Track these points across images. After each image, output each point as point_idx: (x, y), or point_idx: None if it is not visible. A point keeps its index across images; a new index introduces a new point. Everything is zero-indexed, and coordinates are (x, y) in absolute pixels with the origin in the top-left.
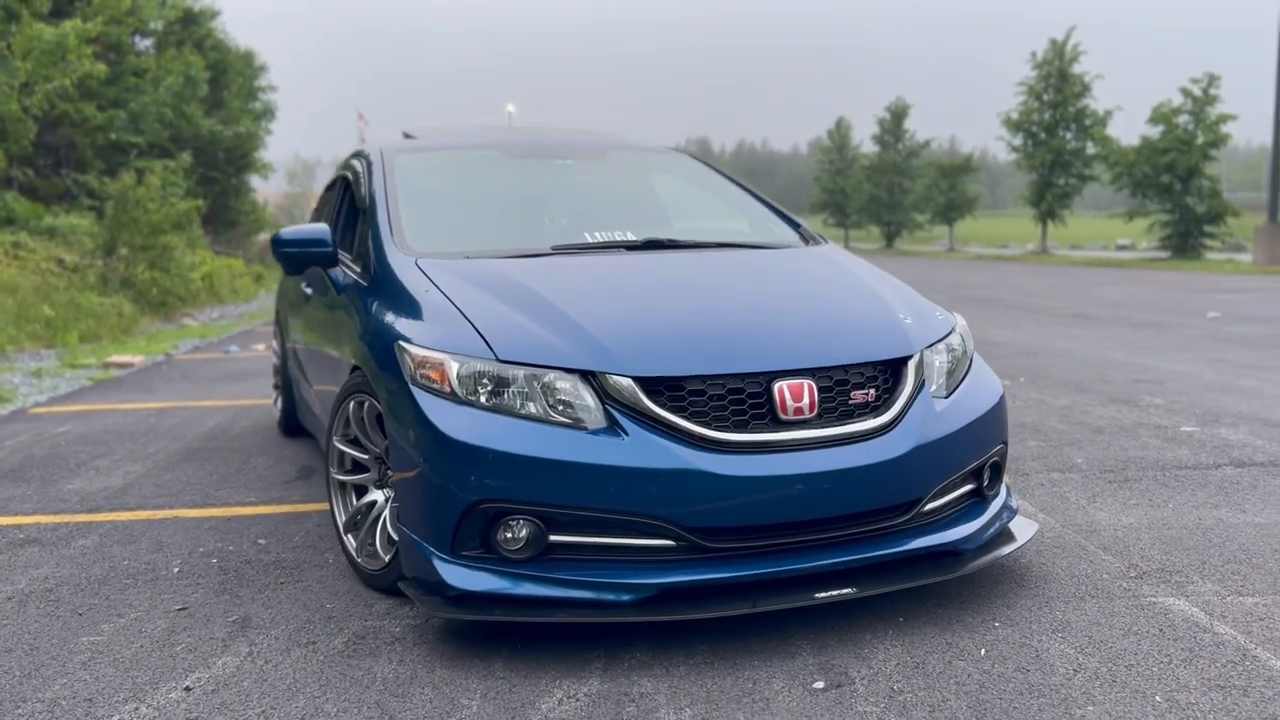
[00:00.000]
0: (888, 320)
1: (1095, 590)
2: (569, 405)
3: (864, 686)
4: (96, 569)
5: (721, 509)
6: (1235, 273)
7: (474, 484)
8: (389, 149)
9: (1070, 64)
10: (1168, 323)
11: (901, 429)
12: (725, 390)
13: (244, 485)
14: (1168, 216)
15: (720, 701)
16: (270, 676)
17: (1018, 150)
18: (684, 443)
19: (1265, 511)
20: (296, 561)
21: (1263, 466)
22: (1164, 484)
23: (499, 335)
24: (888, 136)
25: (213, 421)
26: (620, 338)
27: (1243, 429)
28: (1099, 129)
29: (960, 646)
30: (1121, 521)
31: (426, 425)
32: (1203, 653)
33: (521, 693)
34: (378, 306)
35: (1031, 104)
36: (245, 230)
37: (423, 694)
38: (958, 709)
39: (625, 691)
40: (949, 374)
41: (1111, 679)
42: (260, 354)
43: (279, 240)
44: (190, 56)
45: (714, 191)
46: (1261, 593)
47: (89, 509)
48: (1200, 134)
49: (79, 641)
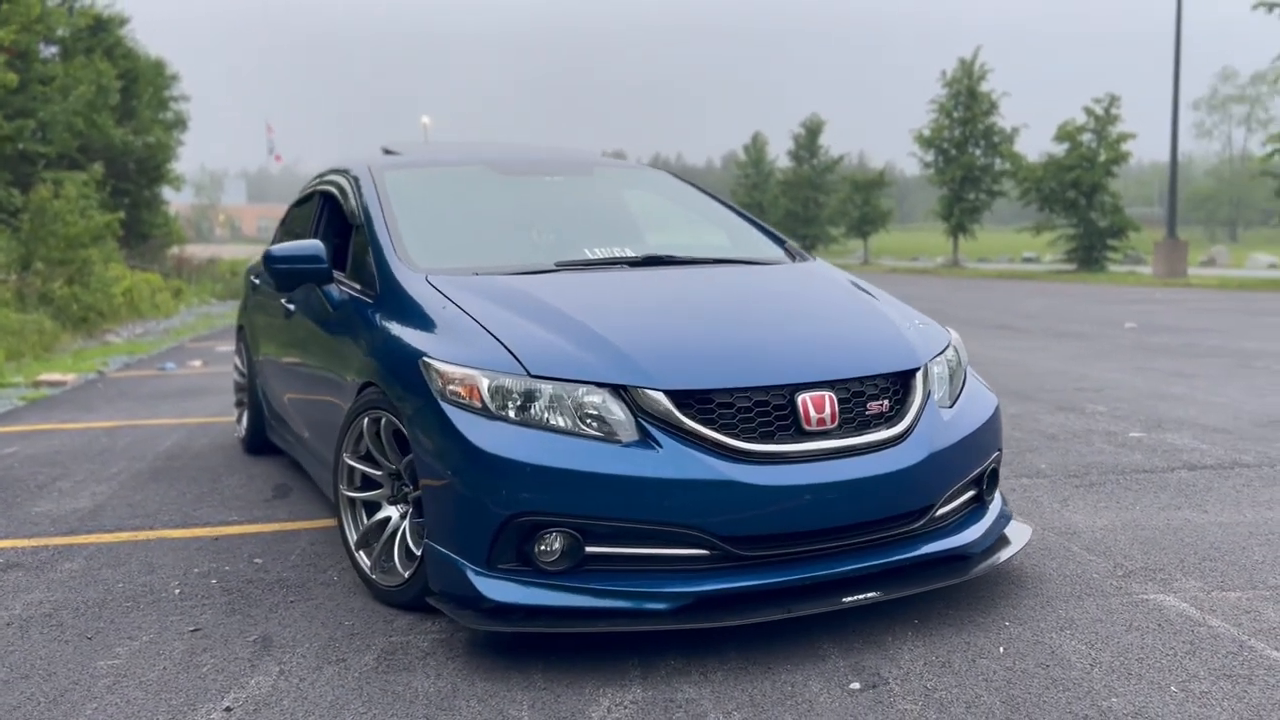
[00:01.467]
0: (894, 333)
1: (1089, 589)
2: (600, 419)
3: (898, 686)
4: (91, 592)
5: (753, 518)
6: (1138, 284)
7: (511, 498)
8: (376, 165)
9: (978, 82)
10: (1091, 333)
11: (914, 438)
12: (752, 403)
13: (221, 504)
14: (1073, 230)
15: (765, 705)
16: (310, 694)
17: (929, 166)
18: (715, 454)
19: (1225, 511)
20: (300, 580)
21: (1213, 469)
22: (1126, 487)
23: (528, 351)
24: (803, 152)
25: (169, 440)
26: (648, 352)
27: (1185, 434)
28: (1007, 146)
29: (979, 645)
30: (1097, 524)
31: (460, 441)
32: (1203, 645)
33: (568, 702)
34: (391, 323)
35: (942, 121)
36: (158, 244)
37: (469, 706)
38: (992, 704)
39: (669, 698)
40: (949, 385)
41: (1126, 671)
42: (198, 371)
43: (271, 257)
44: (101, 64)
45: (697, 208)
46: (1241, 587)
47: (64, 531)
48: (1103, 151)
49: (97, 665)
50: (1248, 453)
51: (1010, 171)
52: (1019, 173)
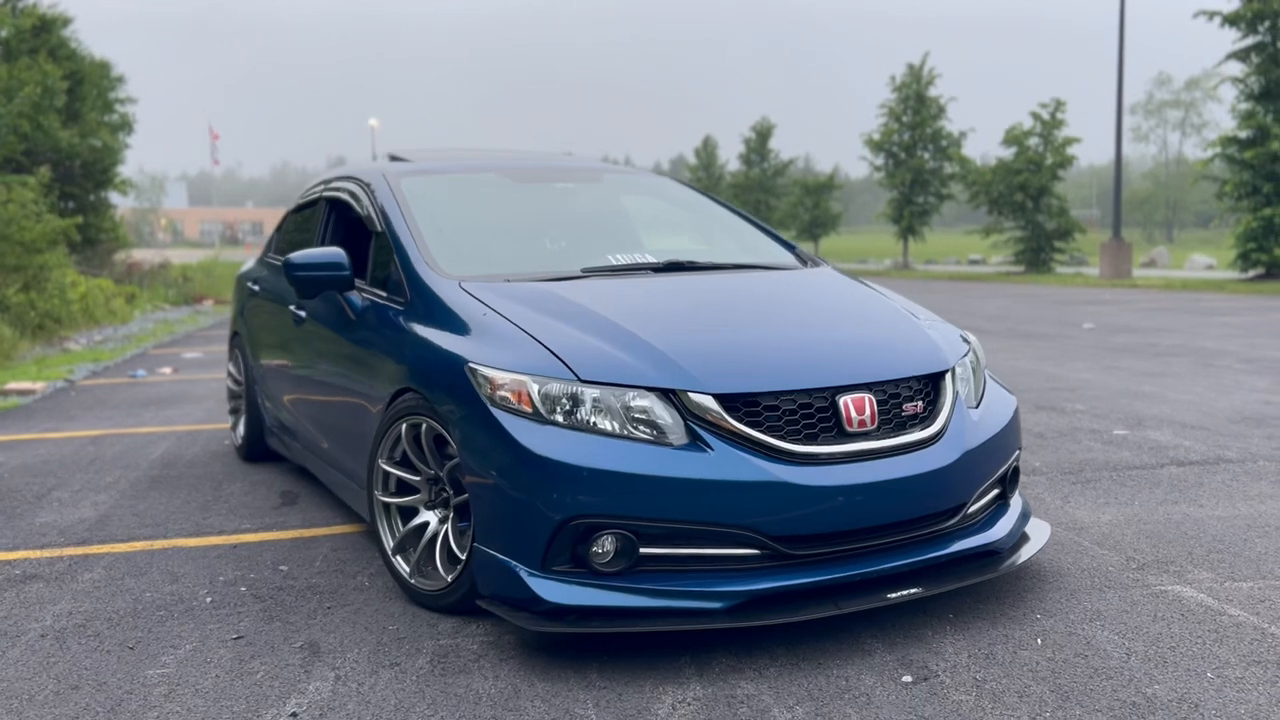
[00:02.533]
0: (923, 336)
1: (1108, 582)
2: (649, 423)
3: (949, 678)
4: (120, 602)
5: (801, 517)
6: (1086, 285)
7: (568, 501)
8: (392, 172)
9: (927, 87)
10: (1053, 334)
11: (948, 438)
12: (796, 405)
13: (230, 513)
14: (1021, 233)
15: (824, 699)
16: (372, 698)
17: (880, 169)
18: (764, 456)
19: (1220, 505)
20: (331, 586)
21: (1200, 465)
22: (1121, 484)
23: (576, 356)
24: (753, 155)
25: (159, 449)
26: (694, 357)
27: (1166, 431)
28: (955, 149)
29: (1016, 638)
30: (1101, 519)
31: (513, 445)
32: (1228, 634)
33: (631, 700)
34: (428, 329)
35: (892, 125)
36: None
37: (534, 706)
38: (1042, 694)
39: (729, 694)
40: (972, 385)
41: (1161, 660)
42: (170, 378)
43: (293, 265)
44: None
45: (705, 213)
46: (1251, 578)
47: (75, 542)
48: (1049, 155)
49: (146, 675)
50: (1229, 449)
51: (959, 175)
52: (968, 176)
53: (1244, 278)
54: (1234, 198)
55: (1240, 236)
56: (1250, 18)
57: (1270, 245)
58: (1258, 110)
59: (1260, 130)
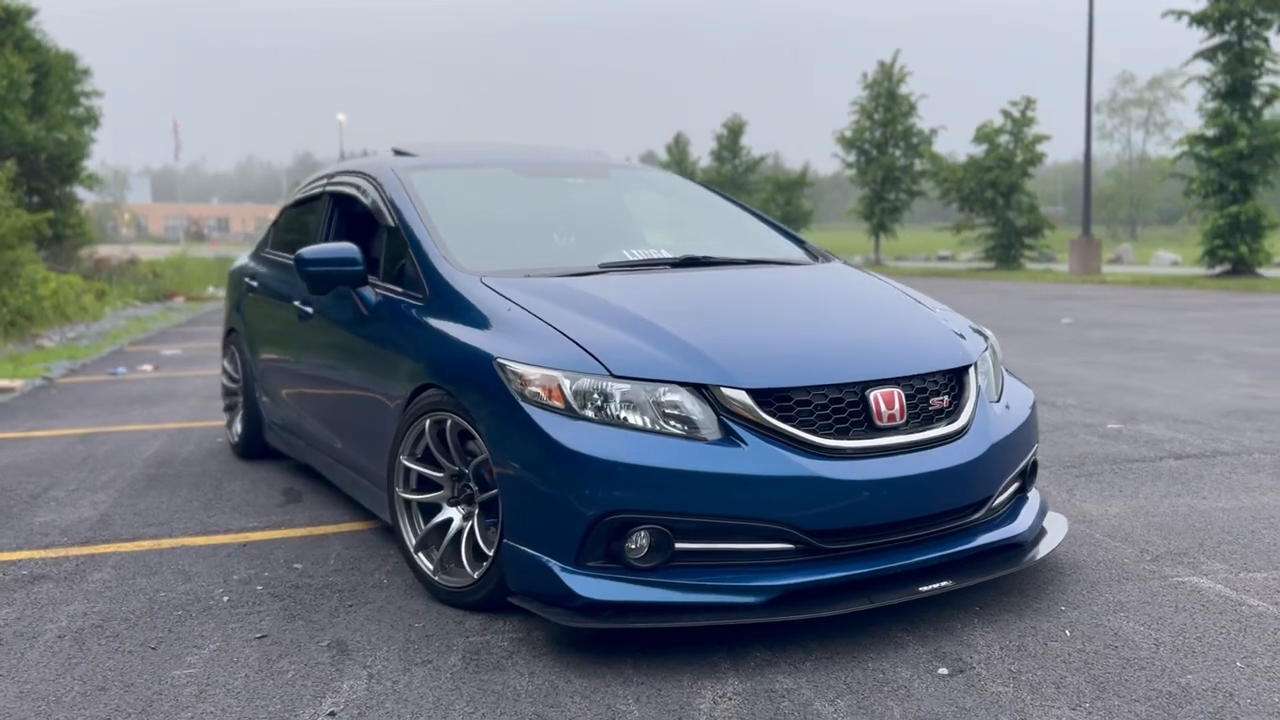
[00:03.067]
0: (945, 331)
1: (1125, 573)
2: (681, 418)
3: (984, 670)
4: (135, 602)
5: (834, 511)
6: (1057, 281)
7: (604, 496)
8: (401, 167)
9: (898, 84)
10: (1032, 329)
11: (973, 432)
12: (828, 400)
13: (234, 511)
14: (992, 229)
15: (864, 692)
16: (409, 696)
17: (851, 167)
18: (798, 450)
19: (1222, 498)
20: (349, 584)
21: (1197, 458)
22: (1124, 476)
23: (607, 351)
24: (725, 152)
25: (151, 447)
26: (725, 352)
27: (1159, 425)
28: (926, 147)
29: (1044, 630)
30: (1109, 512)
31: (547, 441)
32: (1251, 623)
33: (672, 695)
34: (451, 325)
35: (863, 122)
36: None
37: (574, 703)
38: (1079, 684)
39: (769, 688)
40: (992, 380)
41: (1190, 651)
42: (151, 375)
43: (304, 260)
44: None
45: (711, 208)
46: (1264, 568)
47: (79, 541)
48: (1020, 153)
49: (173, 675)
50: (1224, 442)
51: (930, 172)
52: (940, 173)
53: (1211, 274)
54: (1201, 195)
55: (1207, 233)
56: (1217, 17)
57: (1236, 242)
58: (1224, 109)
59: (1227, 129)
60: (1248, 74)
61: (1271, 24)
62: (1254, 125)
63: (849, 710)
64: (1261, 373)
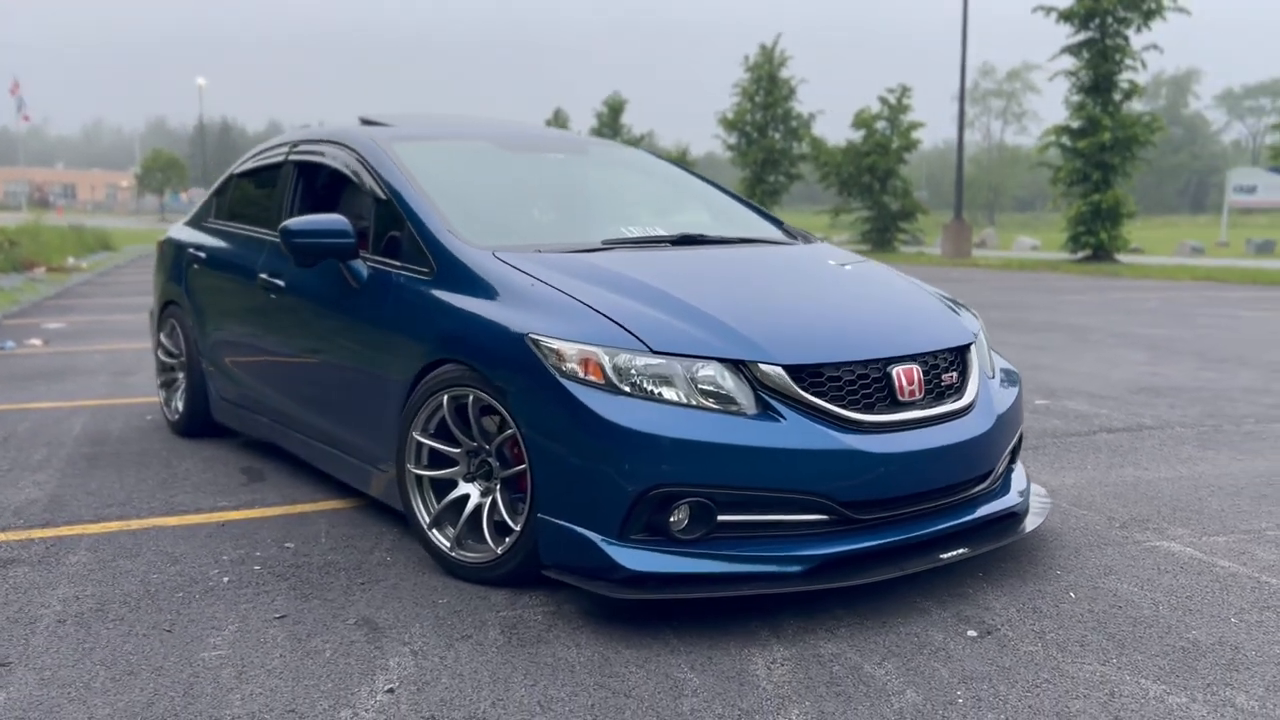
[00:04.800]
0: (947, 310)
1: (1101, 539)
2: (717, 394)
3: (1011, 631)
4: (126, 585)
5: (866, 483)
6: (931, 264)
7: (650, 470)
8: (381, 138)
9: (779, 68)
10: None
11: (979, 407)
12: (855, 375)
13: (197, 490)
14: (868, 213)
15: (905, 654)
16: (463, 671)
17: (733, 148)
18: (831, 424)
19: (1160, 468)
20: (351, 562)
21: (1127, 432)
22: (1066, 450)
23: (643, 327)
24: (606, 130)
25: (75, 425)
26: (759, 329)
27: (1081, 401)
28: (805, 130)
29: (1050, 593)
30: (1066, 483)
31: (590, 417)
32: (1230, 583)
33: (723, 663)
34: (470, 300)
35: (745, 105)
36: None
37: (632, 672)
38: (1099, 641)
39: (816, 654)
40: (987, 357)
41: (1186, 609)
42: (44, 350)
43: (290, 232)
44: None
45: (689, 187)
46: (1221, 532)
47: (37, 524)
48: (896, 139)
49: (201, 657)
50: (1145, 417)
51: (810, 155)
52: (820, 157)
53: (1075, 259)
54: (1066, 184)
55: (1071, 220)
56: (1083, 15)
57: (1097, 229)
58: (1087, 103)
59: (1090, 121)
60: (1110, 70)
61: (1132, 22)
62: (1115, 119)
63: (898, 672)
64: (1154, 353)
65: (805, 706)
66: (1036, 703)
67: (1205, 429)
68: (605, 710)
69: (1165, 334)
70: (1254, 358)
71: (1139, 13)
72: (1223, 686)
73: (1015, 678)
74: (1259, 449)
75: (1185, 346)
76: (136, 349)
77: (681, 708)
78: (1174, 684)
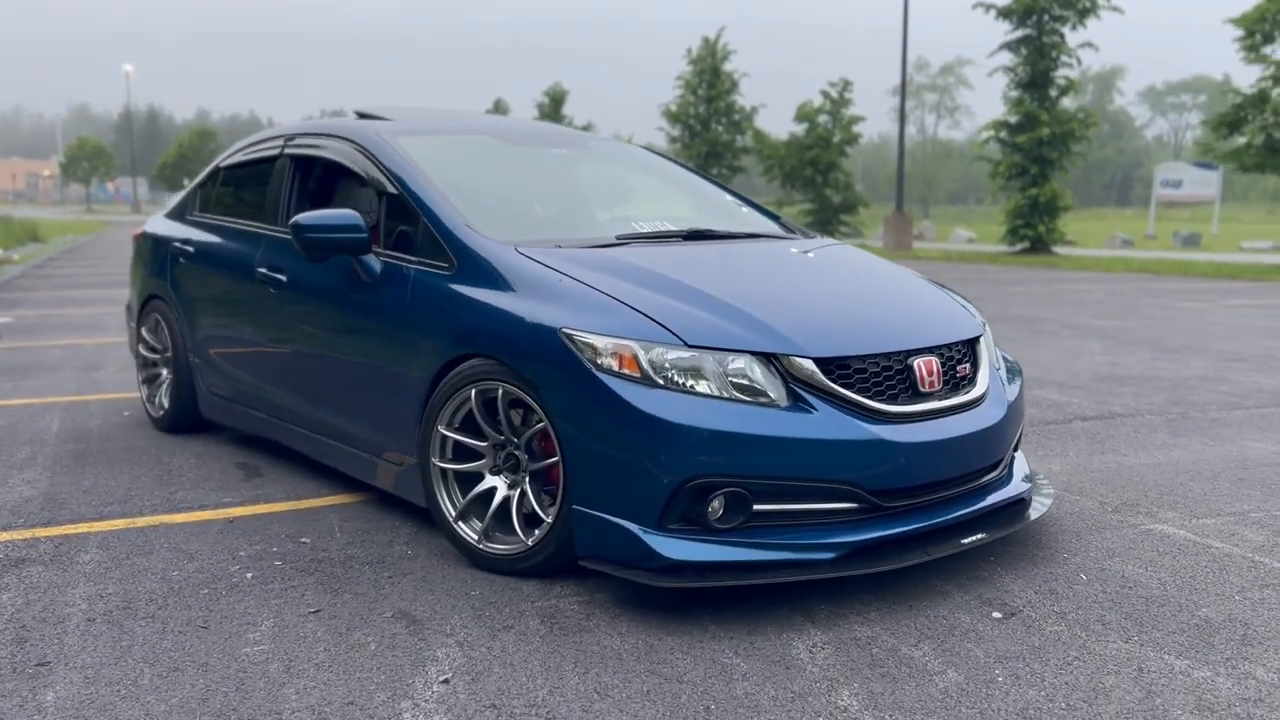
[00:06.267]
0: (956, 304)
1: (1098, 524)
2: (749, 387)
3: (1033, 612)
4: (148, 582)
5: (893, 471)
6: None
7: (688, 462)
8: (387, 132)
9: (722, 61)
10: None
11: (991, 398)
12: (880, 368)
13: (196, 487)
14: (811, 205)
15: (939, 637)
16: (514, 661)
17: (676, 141)
18: (859, 415)
19: (1139, 454)
20: (373, 557)
21: (1100, 420)
22: (1047, 437)
23: (676, 321)
24: (546, 121)
25: (52, 423)
26: (787, 323)
27: (1051, 390)
28: (748, 123)
29: (1062, 575)
30: (1053, 469)
31: (628, 410)
32: (1227, 564)
33: (766, 648)
34: (496, 295)
35: (688, 98)
36: None
37: (680, 659)
38: (1120, 621)
39: (853, 637)
40: (993, 351)
41: (1192, 588)
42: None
43: (301, 227)
44: None
45: (686, 183)
46: (1209, 515)
47: (40, 523)
48: (838, 132)
49: (244, 653)
50: (1114, 405)
51: (753, 148)
52: (763, 150)
53: (1013, 251)
54: (1005, 178)
55: (1010, 213)
56: (1020, 12)
57: (1035, 222)
58: (1025, 98)
59: (1028, 117)
60: (1047, 66)
61: (1068, 20)
62: (1052, 114)
63: (935, 653)
64: (1109, 343)
65: (855, 687)
66: (1073, 679)
67: (1173, 416)
68: (661, 696)
69: (1116, 324)
70: (1203, 347)
71: (1074, 11)
72: (1241, 660)
73: (1047, 656)
74: (1227, 435)
75: (1137, 337)
76: (96, 343)
77: (735, 691)
78: (1196, 659)
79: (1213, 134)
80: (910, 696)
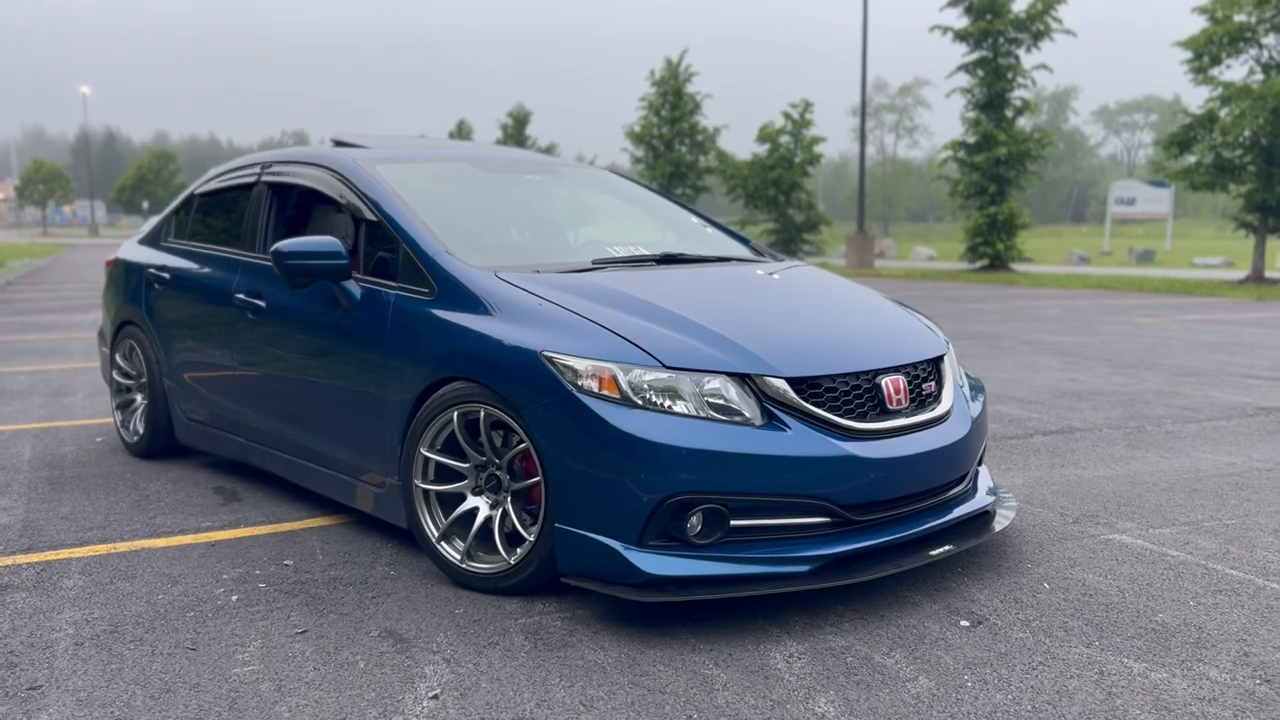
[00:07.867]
0: (920, 324)
1: (1059, 534)
2: (724, 406)
3: (999, 620)
4: (133, 606)
5: (864, 486)
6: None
7: (669, 479)
8: (364, 159)
9: (684, 83)
10: None
11: (955, 415)
12: (849, 386)
13: (174, 512)
14: (774, 225)
15: (911, 645)
16: (501, 676)
17: (640, 161)
18: (831, 433)
19: (1097, 467)
20: (355, 578)
21: (1060, 434)
22: (1009, 451)
23: (653, 344)
24: (510, 141)
25: (24, 450)
26: (760, 344)
27: (1011, 405)
28: (711, 143)
29: (1026, 585)
30: (1015, 482)
31: (609, 430)
32: (1183, 572)
33: (744, 659)
34: (475, 320)
35: (651, 119)
36: None
37: (661, 671)
38: (1082, 628)
39: (828, 647)
40: (957, 369)
41: (1149, 594)
42: None
43: (283, 254)
44: None
45: (657, 208)
46: (1164, 525)
47: (19, 549)
48: (800, 153)
49: (234, 674)
50: (1073, 420)
51: (716, 169)
52: (726, 170)
53: (973, 268)
54: (964, 196)
55: (969, 231)
56: (977, 35)
57: (994, 239)
58: (982, 118)
59: (985, 137)
60: (1003, 87)
61: (1023, 43)
62: (1009, 134)
63: (907, 661)
64: (1067, 359)
65: (831, 695)
66: (1038, 683)
67: (1130, 430)
68: (645, 707)
69: (1073, 340)
70: (1157, 362)
71: (1029, 34)
72: (1196, 662)
73: (1013, 662)
74: (1181, 448)
75: (1094, 353)
76: (63, 369)
77: (717, 701)
78: (1154, 662)
79: (1164, 153)
80: (884, 703)
